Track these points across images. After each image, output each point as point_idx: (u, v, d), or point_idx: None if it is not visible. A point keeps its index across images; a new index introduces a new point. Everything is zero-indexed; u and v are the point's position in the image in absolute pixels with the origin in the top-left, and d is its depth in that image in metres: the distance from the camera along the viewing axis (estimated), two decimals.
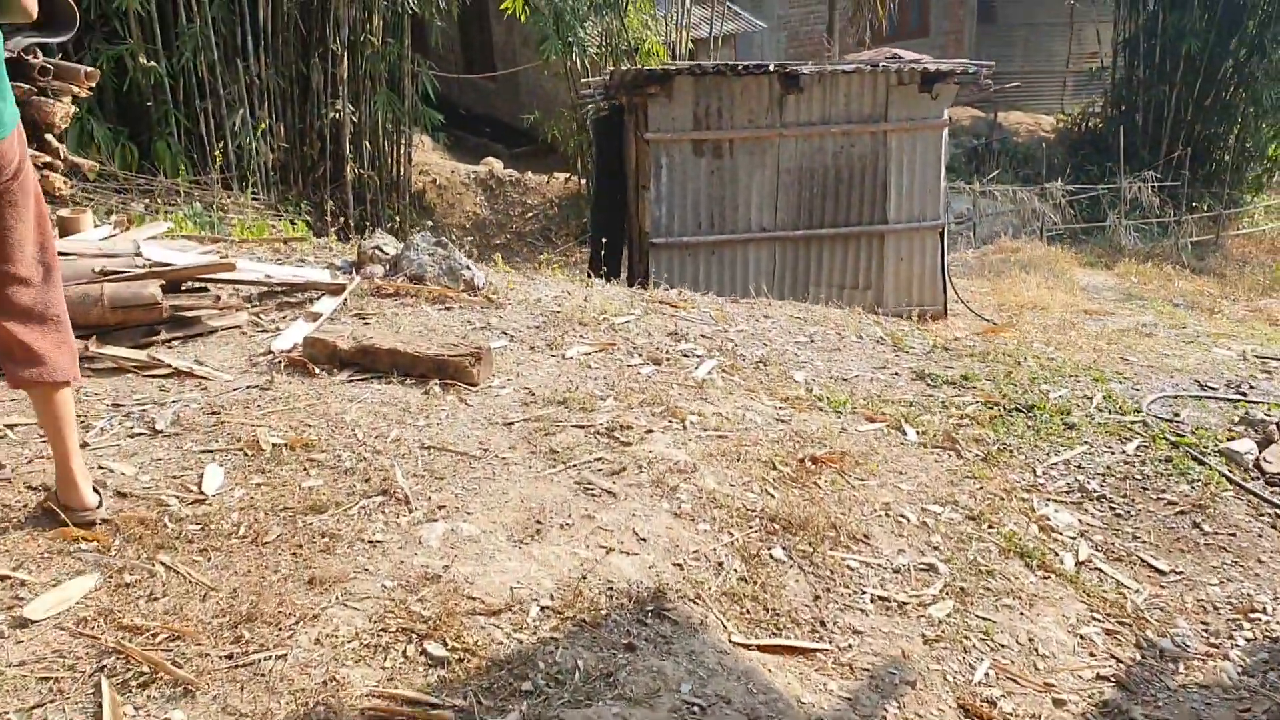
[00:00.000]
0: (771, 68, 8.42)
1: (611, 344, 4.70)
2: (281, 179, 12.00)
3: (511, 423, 3.67)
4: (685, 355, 4.74)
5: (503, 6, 14.05)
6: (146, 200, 8.98)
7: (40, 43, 5.14)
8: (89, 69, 5.24)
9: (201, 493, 3.02)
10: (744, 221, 8.81)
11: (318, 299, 4.77)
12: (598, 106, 9.81)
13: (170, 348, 4.25)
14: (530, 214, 15.25)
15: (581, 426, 3.67)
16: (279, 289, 4.78)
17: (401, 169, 13.58)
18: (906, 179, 8.85)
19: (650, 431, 3.69)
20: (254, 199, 9.94)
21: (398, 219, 13.53)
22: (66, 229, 5.23)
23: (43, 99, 5.06)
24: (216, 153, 10.49)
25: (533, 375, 4.18)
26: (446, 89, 13.63)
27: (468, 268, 5.13)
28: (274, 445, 3.32)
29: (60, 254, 5.02)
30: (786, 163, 8.71)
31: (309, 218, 11.73)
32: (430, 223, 14.50)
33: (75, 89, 5.20)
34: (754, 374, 4.65)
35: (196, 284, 4.57)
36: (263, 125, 11.29)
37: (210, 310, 4.38)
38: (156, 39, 10.41)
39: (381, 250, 5.21)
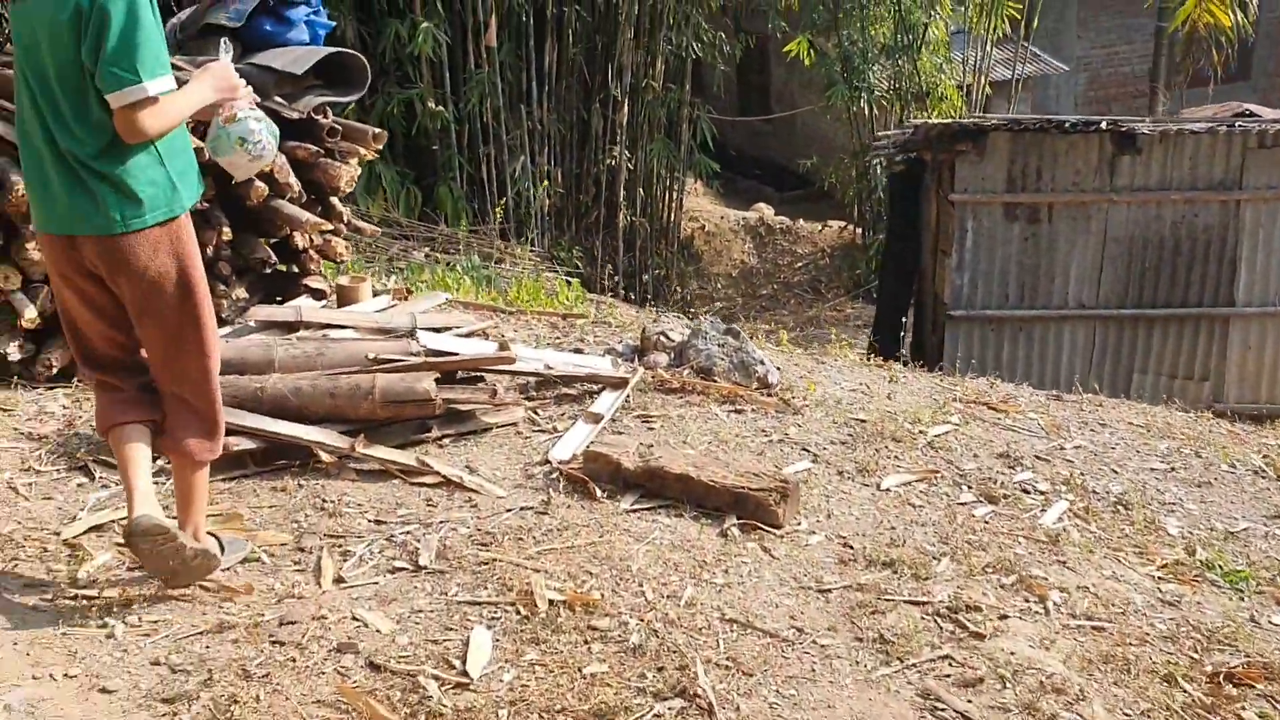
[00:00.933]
0: (1104, 125, 7.39)
1: (934, 471, 3.94)
2: (555, 223, 11.87)
3: (828, 589, 2.99)
4: (1024, 490, 3.91)
5: (786, 50, 13.48)
6: (427, 248, 8.92)
7: (331, 102, 4.93)
8: (377, 130, 4.99)
9: (465, 672, 2.50)
10: (1060, 295, 7.79)
11: (598, 392, 4.27)
12: (891, 159, 9.03)
13: (441, 446, 3.84)
14: (800, 263, 14.57)
15: (916, 603, 2.94)
16: (558, 379, 4.30)
17: (672, 215, 13.23)
18: (1261, 256, 7.58)
19: (1005, 616, 2.92)
20: (530, 250, 9.75)
21: (665, 266, 13.17)
22: (344, 298, 4.99)
23: (329, 161, 4.84)
24: (498, 208, 10.40)
25: (845, 516, 3.49)
26: (719, 129, 13.20)
27: (761, 362, 4.51)
28: (551, 602, 2.78)
29: (337, 326, 4.78)
30: (1115, 231, 7.64)
31: (579, 263, 11.54)
32: (695, 267, 14.10)
33: (362, 150, 4.97)
34: (1114, 521, 3.77)
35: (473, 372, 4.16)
36: (543, 173, 11.17)
37: (485, 405, 3.95)
38: (445, 84, 10.46)
39: (666, 337, 4.67)
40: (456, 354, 4.08)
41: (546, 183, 11.09)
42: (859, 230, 14.20)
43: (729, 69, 13.40)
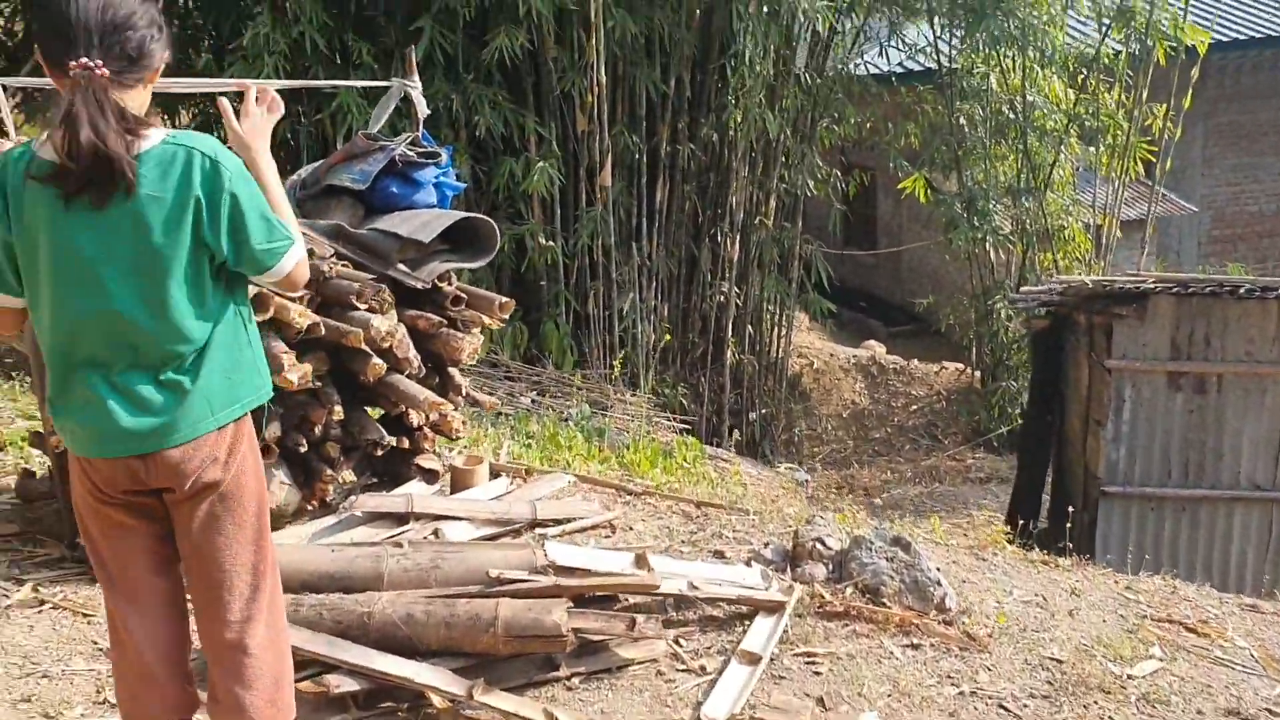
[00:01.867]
0: None
1: None
2: (660, 359, 11.44)
3: None
4: None
5: (901, 187, 13.05)
6: (534, 392, 8.51)
7: (457, 268, 4.54)
8: (503, 299, 4.58)
9: None
10: (1230, 475, 7.03)
11: (750, 615, 3.69)
12: (1032, 315, 8.42)
13: (570, 689, 3.28)
14: (914, 406, 13.87)
15: None
16: (702, 598, 3.73)
17: (780, 352, 12.71)
18: None
19: None
20: (640, 395, 9.28)
21: (773, 405, 12.62)
22: (458, 482, 4.52)
23: (451, 332, 4.42)
24: (618, 360, 10.01)
25: None
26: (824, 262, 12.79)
27: (937, 583, 3.89)
28: None
29: (451, 518, 4.29)
30: None
31: (684, 400, 11.06)
32: (803, 406, 13.50)
33: (486, 319, 4.54)
34: None
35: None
36: (650, 309, 10.79)
37: (622, 637, 3.39)
38: (556, 220, 10.20)
39: (823, 544, 4.09)
40: (589, 571, 3.55)
41: (665, 326, 10.71)
42: (978, 374, 13.50)
43: (840, 206, 12.98)
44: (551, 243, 10.10)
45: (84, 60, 2.00)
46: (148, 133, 2.09)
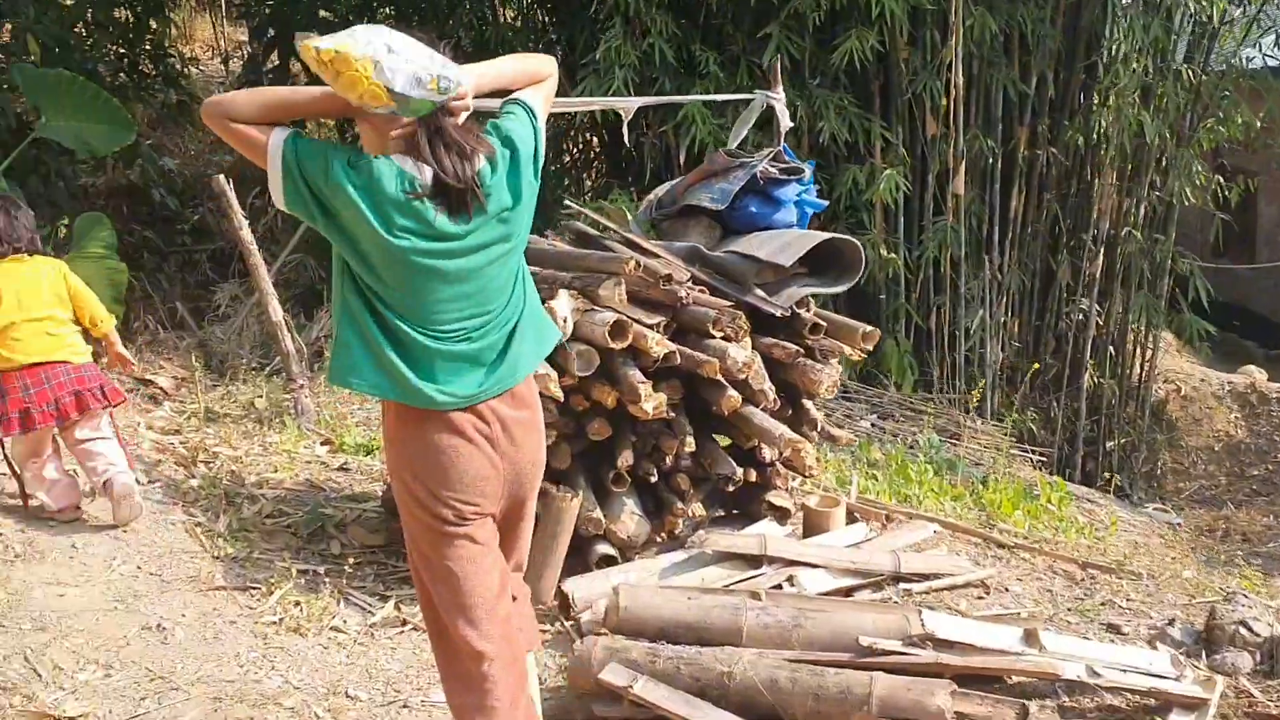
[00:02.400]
0: None
1: None
2: (1007, 380, 10.62)
3: None
4: None
5: None
6: (874, 415, 8.07)
7: (817, 293, 4.23)
8: (868, 328, 4.21)
9: None
10: None
11: (1160, 712, 3.13)
12: None
13: None
14: None
15: None
16: (1103, 686, 3.21)
17: (1143, 376, 11.49)
18: None
19: None
20: (995, 423, 8.61)
21: (1134, 434, 11.42)
22: (812, 524, 4.21)
23: (809, 363, 4.12)
24: (976, 391, 9.38)
25: None
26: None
27: None
28: None
29: (806, 565, 3.97)
30: None
31: (1034, 426, 10.21)
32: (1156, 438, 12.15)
33: (846, 349, 4.20)
34: None
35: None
36: (999, 326, 10.03)
37: None
38: (899, 229, 9.67)
39: (1248, 629, 3.44)
40: (974, 647, 3.12)
41: (1015, 345, 9.95)
42: None
43: (1222, 215, 11.56)
44: (893, 254, 9.60)
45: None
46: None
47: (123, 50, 9.58)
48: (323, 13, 10.54)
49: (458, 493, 2.38)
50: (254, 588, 3.67)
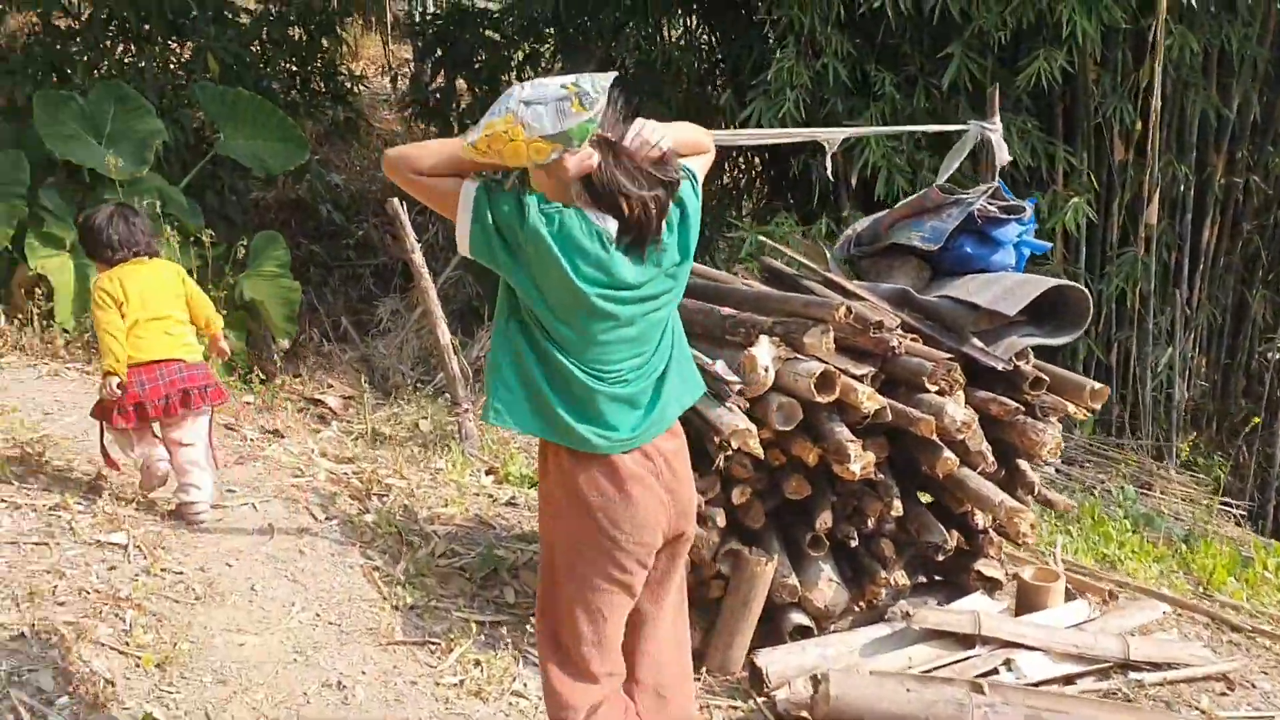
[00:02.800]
0: None
1: None
2: (1191, 420, 9.91)
3: None
4: None
5: None
6: (1056, 460, 7.54)
7: (1038, 345, 3.85)
8: (1096, 385, 3.82)
9: None
10: None
11: None
12: None
13: None
14: None
15: None
16: None
17: None
18: None
19: None
20: (1188, 473, 7.99)
21: None
22: (1027, 599, 3.83)
23: (1029, 421, 3.75)
24: (1186, 442, 8.78)
25: None
26: None
27: None
28: None
29: (1025, 647, 3.60)
30: None
31: (1221, 472, 9.48)
32: None
33: (1070, 407, 3.81)
34: None
35: None
36: (1186, 363, 9.36)
37: None
38: (1081, 260, 9.11)
39: None
40: None
41: (1202, 385, 9.26)
42: None
43: None
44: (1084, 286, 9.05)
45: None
46: None
47: (295, 68, 9.76)
48: (488, 33, 10.55)
49: (631, 535, 2.45)
50: (433, 643, 3.50)
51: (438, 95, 10.48)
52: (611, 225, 2.33)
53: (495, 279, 2.44)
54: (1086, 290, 3.89)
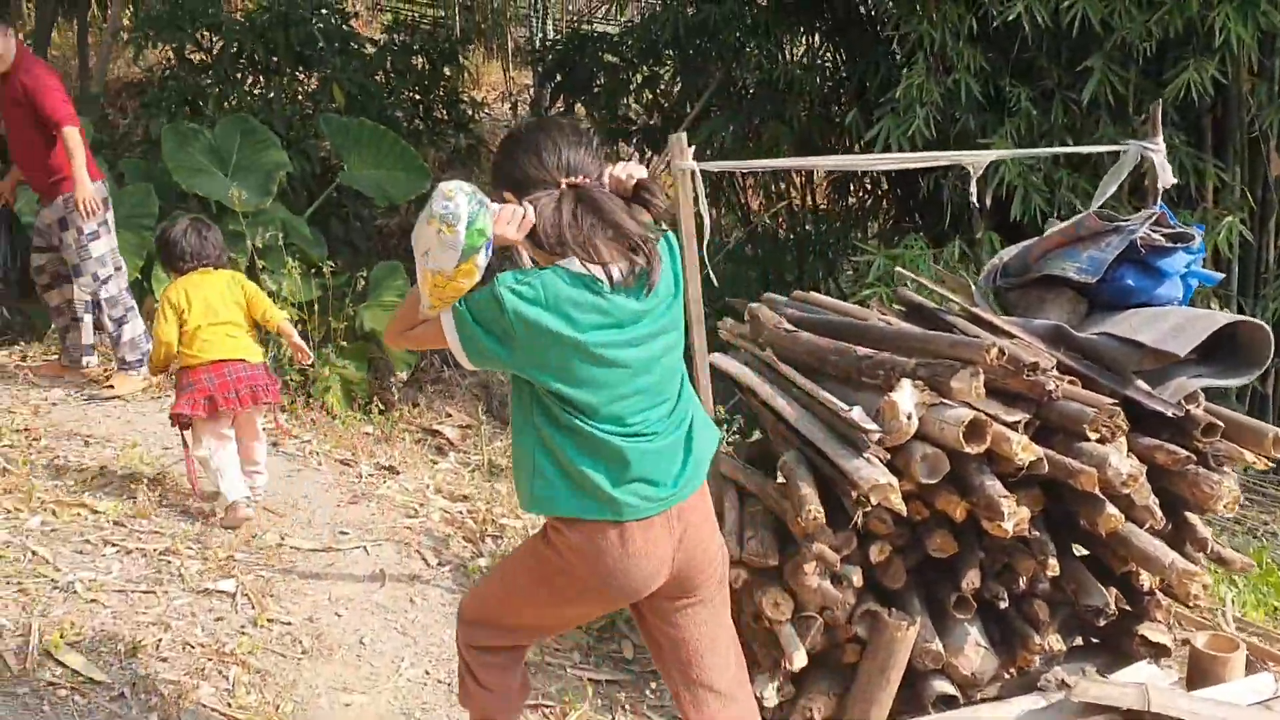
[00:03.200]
0: None
1: None
2: None
3: None
4: None
5: None
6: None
7: (1210, 386, 3.48)
8: (1277, 430, 3.42)
9: None
10: None
11: None
12: None
13: None
14: None
15: None
16: None
17: None
18: None
19: None
20: None
21: None
22: (1201, 669, 3.43)
23: (1202, 472, 3.38)
24: None
25: None
26: None
27: None
28: None
29: None
30: None
31: None
32: None
33: (1249, 455, 3.43)
34: None
35: None
36: None
37: None
38: (1234, 283, 8.51)
39: None
40: None
41: None
42: None
43: None
44: (1228, 311, 8.44)
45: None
46: None
47: (418, 96, 9.82)
48: (607, 56, 10.47)
49: (615, 600, 2.48)
50: (546, 705, 3.31)
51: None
52: (597, 269, 2.27)
53: None
54: (1267, 327, 3.49)
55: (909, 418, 3.17)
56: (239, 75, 8.87)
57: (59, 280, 5.86)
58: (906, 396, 3.19)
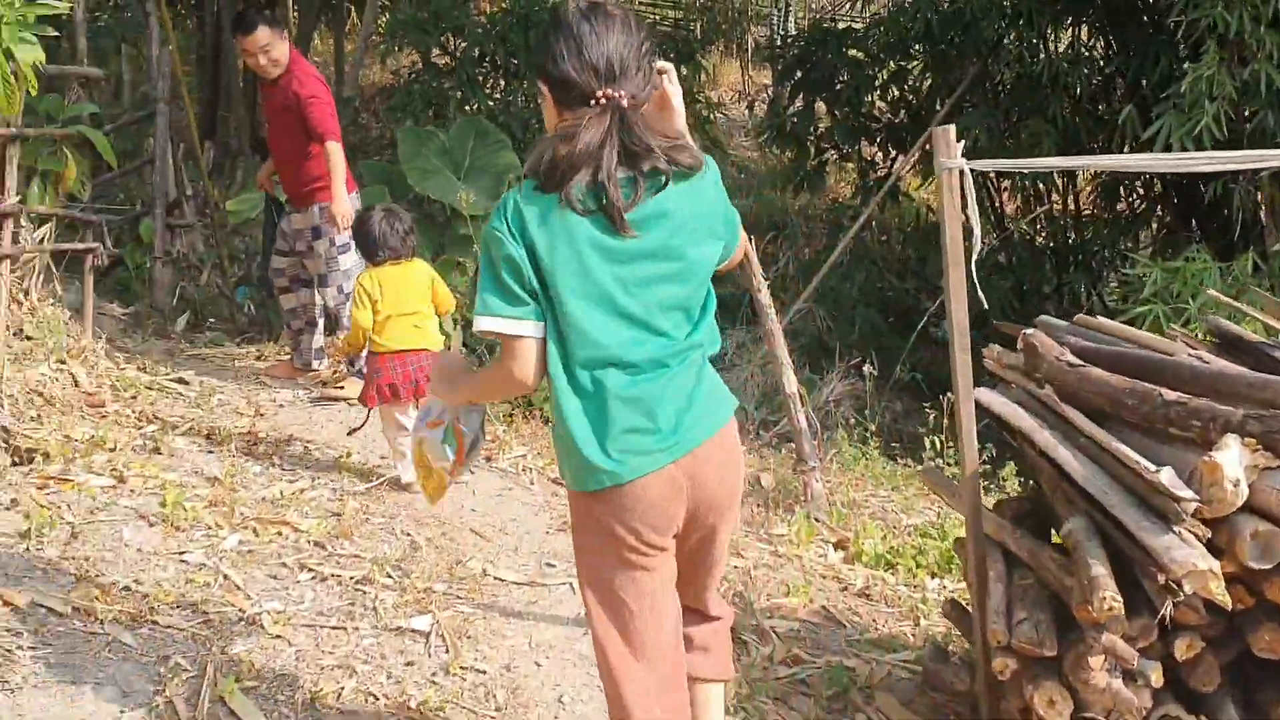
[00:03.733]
0: None
1: None
2: None
3: None
4: None
5: None
6: None
7: None
8: None
9: None
10: None
11: None
12: None
13: None
14: None
15: None
16: None
17: None
18: None
19: None
20: None
21: None
22: None
23: None
24: None
25: None
26: None
27: None
28: None
29: None
30: None
31: None
32: None
33: None
34: None
35: None
36: None
37: None
38: None
39: None
40: None
41: None
42: None
43: None
44: None
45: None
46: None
47: None
48: (851, 52, 9.90)
49: (642, 535, 2.29)
50: None
51: (794, 119, 9.97)
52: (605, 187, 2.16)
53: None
54: None
55: (1236, 484, 2.51)
56: (480, 78, 8.86)
57: (297, 284, 5.90)
58: (1234, 457, 2.54)
